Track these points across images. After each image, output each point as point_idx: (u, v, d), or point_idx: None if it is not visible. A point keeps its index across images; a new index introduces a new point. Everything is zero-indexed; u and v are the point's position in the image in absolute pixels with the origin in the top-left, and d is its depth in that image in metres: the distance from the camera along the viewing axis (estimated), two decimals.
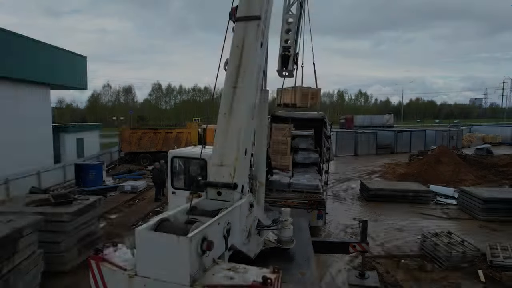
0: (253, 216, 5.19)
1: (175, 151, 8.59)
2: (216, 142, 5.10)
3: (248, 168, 5.26)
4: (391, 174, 22.87)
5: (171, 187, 8.27)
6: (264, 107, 6.89)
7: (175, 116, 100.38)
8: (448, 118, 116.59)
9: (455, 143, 35.04)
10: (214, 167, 4.96)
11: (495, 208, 13.39)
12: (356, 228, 12.70)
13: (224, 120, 5.11)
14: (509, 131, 39.43)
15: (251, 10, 5.47)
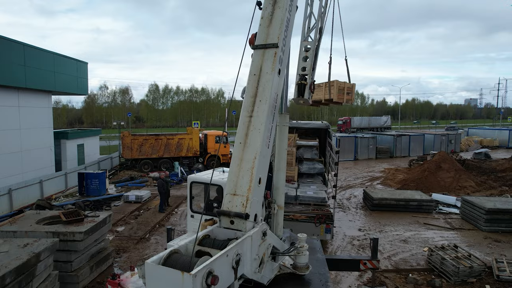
0: (267, 244, 5.27)
1: (194, 176, 8.67)
2: (231, 170, 5.21)
3: (262, 197, 5.35)
4: (391, 180, 23.04)
5: (190, 211, 8.39)
6: (284, 130, 6.98)
7: (172, 117, 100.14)
8: (444, 119, 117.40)
9: (453, 147, 35.37)
10: (228, 196, 5.04)
11: (498, 219, 13.58)
12: (363, 240, 12.90)
13: (239, 148, 5.21)
14: (506, 135, 39.87)
15: (270, 38, 5.55)
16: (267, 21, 5.67)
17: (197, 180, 8.33)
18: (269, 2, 5.74)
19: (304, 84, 6.33)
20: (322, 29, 6.43)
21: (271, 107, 5.35)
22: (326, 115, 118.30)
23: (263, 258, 5.19)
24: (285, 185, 14.85)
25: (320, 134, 16.39)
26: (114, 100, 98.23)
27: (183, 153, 26.62)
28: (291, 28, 6.06)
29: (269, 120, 5.34)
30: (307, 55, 6.32)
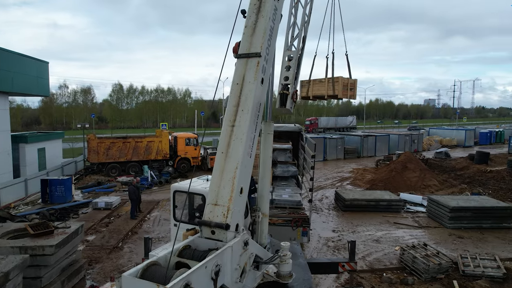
0: (249, 253, 5.29)
1: (178, 185, 8.48)
2: (212, 180, 5.22)
3: (244, 207, 5.35)
4: (360, 180, 23.73)
5: (173, 219, 8.23)
6: (268, 138, 6.98)
7: (137, 117, 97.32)
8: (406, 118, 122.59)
9: (416, 147, 37.04)
10: (209, 206, 5.05)
11: (460, 216, 14.36)
12: (338, 241, 13.19)
13: (221, 158, 5.20)
14: (463, 134, 42.38)
15: (253, 48, 5.54)
16: (251, 30, 5.65)
17: (180, 189, 8.16)
18: (253, 10, 5.71)
19: (286, 94, 6.36)
20: (306, 38, 6.48)
21: (253, 116, 5.35)
22: (294, 115, 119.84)
23: (244, 267, 5.19)
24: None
25: (292, 137, 16.56)
26: (75, 100, 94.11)
27: (153, 156, 25.97)
28: (275, 36, 6.07)
29: (251, 130, 5.33)
30: (290, 64, 6.35)
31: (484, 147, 39.88)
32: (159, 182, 22.58)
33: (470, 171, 25.54)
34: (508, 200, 18.71)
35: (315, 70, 8.73)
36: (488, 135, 44.14)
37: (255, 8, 5.71)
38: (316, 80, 9.10)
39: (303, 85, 9.42)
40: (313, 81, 9.21)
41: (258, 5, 5.70)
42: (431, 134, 44.91)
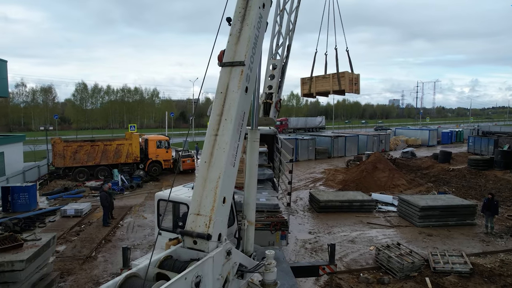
0: (232, 263, 5.28)
1: (161, 193, 8.28)
2: (195, 190, 5.19)
3: (227, 216, 5.33)
4: (332, 181, 24.23)
5: (158, 228, 8.04)
6: (254, 146, 6.94)
7: (102, 117, 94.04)
8: (372, 118, 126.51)
9: (383, 147, 38.34)
10: (192, 216, 5.02)
11: (429, 215, 15.01)
12: (315, 243, 13.39)
13: (204, 168, 5.18)
14: (427, 134, 44.41)
15: (237, 56, 5.52)
16: (235, 38, 5.62)
17: (164, 198, 7.96)
18: (238, 18, 5.68)
19: (270, 103, 6.36)
20: (290, 46, 6.50)
21: (237, 125, 5.32)
22: None
23: (227, 277, 5.17)
24: (237, 193, 14.89)
25: (267, 140, 16.64)
26: (34, 99, 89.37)
27: (122, 160, 25.19)
28: (260, 44, 6.06)
29: (235, 139, 5.32)
30: (274, 73, 6.35)
31: (446, 146, 41.96)
32: (130, 186, 21.94)
33: (435, 170, 26.78)
34: (470, 197, 19.79)
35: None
36: (449, 134, 46.52)
37: (240, 16, 5.68)
38: (319, 77, 9.14)
39: (305, 82, 9.45)
40: (316, 78, 9.23)
41: (243, 13, 5.67)
42: (397, 134, 46.68)
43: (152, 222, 15.66)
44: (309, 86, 9.15)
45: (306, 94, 9.52)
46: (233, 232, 7.51)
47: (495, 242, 13.55)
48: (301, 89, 9.78)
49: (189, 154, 27.79)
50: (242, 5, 5.72)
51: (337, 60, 8.47)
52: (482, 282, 10.56)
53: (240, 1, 5.76)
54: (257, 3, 5.61)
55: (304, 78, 9.56)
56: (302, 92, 9.60)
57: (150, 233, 14.22)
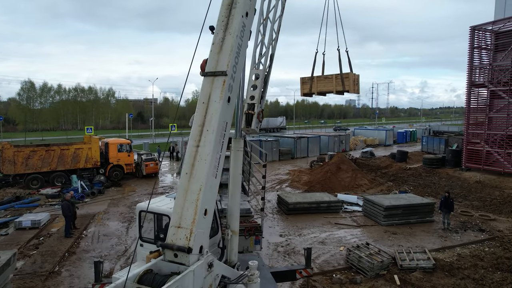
0: (214, 275, 5.29)
1: (143, 204, 7.97)
2: (176, 201, 5.16)
3: (208, 228, 5.32)
4: (298, 182, 24.65)
5: (140, 240, 7.74)
6: (238, 155, 6.88)
7: (53, 118, 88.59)
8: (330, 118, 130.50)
9: (344, 147, 39.68)
10: (172, 228, 4.98)
11: (393, 214, 15.74)
12: (287, 246, 13.54)
13: (185, 179, 5.15)
14: (384, 134, 46.63)
15: (219, 66, 5.50)
16: (218, 47, 5.59)
17: (145, 209, 7.70)
18: (220, 27, 5.64)
19: (252, 114, 6.34)
20: (273, 55, 6.52)
21: (218, 136, 5.32)
22: None
23: None
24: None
25: None
26: None
27: (81, 165, 23.92)
28: (244, 53, 6.04)
29: (217, 150, 5.32)
30: (256, 83, 6.33)
31: (401, 146, 44.28)
32: (91, 193, 20.89)
33: (393, 169, 28.13)
34: (426, 194, 21.01)
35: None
36: (404, 134, 49.17)
37: (223, 25, 5.64)
38: (321, 77, 9.18)
39: (305, 82, 9.46)
40: (317, 78, 9.27)
41: (225, 22, 5.63)
42: (356, 134, 48.55)
43: (118, 230, 15.06)
44: (310, 86, 9.25)
45: (306, 93, 9.62)
46: (217, 241, 7.42)
47: (452, 237, 14.50)
48: (300, 88, 9.86)
49: (152, 157, 26.99)
50: (225, 13, 5.67)
51: (340, 61, 8.66)
52: (443, 276, 11.25)
53: (223, 9, 5.71)
54: (240, 12, 5.59)
55: (304, 77, 9.63)
56: (302, 91, 9.67)
57: (117, 242, 13.65)
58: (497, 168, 24.34)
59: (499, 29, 25.30)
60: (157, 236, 7.50)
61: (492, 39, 25.61)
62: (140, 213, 7.82)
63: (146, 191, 22.19)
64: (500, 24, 24.90)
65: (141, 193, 21.71)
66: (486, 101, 25.88)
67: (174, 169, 31.16)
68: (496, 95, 25.08)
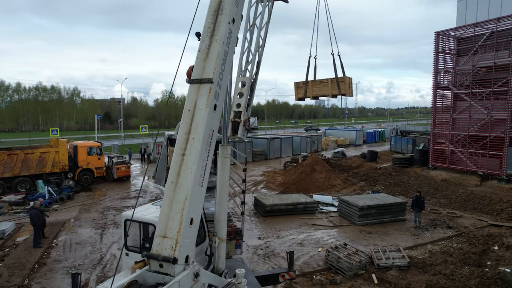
0: (200, 284, 5.31)
1: (129, 213, 7.72)
2: (162, 211, 5.13)
3: (194, 237, 5.32)
4: (273, 184, 24.78)
5: (125, 249, 7.52)
6: (225, 162, 6.83)
7: (11, 119, 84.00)
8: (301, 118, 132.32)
9: (316, 147, 40.36)
10: (158, 238, 4.97)
11: (367, 214, 16.18)
12: (266, 249, 13.59)
13: (171, 188, 5.13)
14: (354, 134, 47.90)
15: (205, 73, 5.50)
16: (204, 54, 5.58)
17: (131, 218, 7.47)
18: (207, 34, 5.62)
19: (238, 122, 6.33)
20: (260, 63, 6.51)
21: (204, 144, 5.32)
22: None
23: None
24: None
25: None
26: None
27: (48, 169, 22.81)
28: (231, 60, 6.02)
29: (203, 158, 5.31)
30: (243, 91, 6.32)
31: (371, 145, 45.64)
32: (60, 198, 19.99)
33: (364, 169, 28.92)
34: (397, 193, 21.78)
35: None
36: (373, 134, 50.75)
37: (209, 31, 5.61)
38: (316, 81, 9.29)
39: (299, 87, 9.54)
40: (312, 82, 9.37)
41: (212, 28, 5.60)
42: (327, 135, 49.51)
43: (91, 238, 14.52)
44: (305, 91, 9.37)
45: (301, 98, 9.73)
46: (204, 249, 7.34)
47: (423, 234, 15.10)
48: (295, 93, 9.96)
49: (123, 160, 26.22)
50: (212, 20, 5.64)
51: (335, 65, 8.82)
52: (417, 273, 11.69)
53: (209, 16, 5.67)
54: (226, 18, 5.57)
55: (298, 82, 9.73)
56: (297, 96, 9.77)
57: (91, 250, 13.15)
58: (461, 167, 25.64)
59: (460, 35, 26.66)
60: (142, 245, 7.32)
61: (455, 44, 26.95)
62: (125, 221, 7.61)
63: (118, 196, 21.54)
64: (461, 30, 26.24)
65: (113, 198, 21.04)
66: (450, 103, 27.18)
67: (146, 172, 30.43)
68: (459, 98, 26.41)
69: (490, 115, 23.99)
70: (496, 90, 23.65)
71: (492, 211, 18.42)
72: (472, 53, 25.26)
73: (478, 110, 24.82)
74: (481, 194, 21.25)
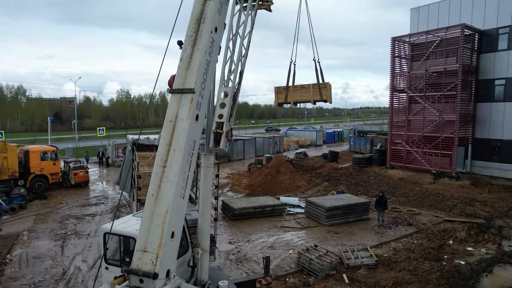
0: None
1: (108, 226, 7.29)
2: (142, 224, 5.05)
3: (176, 251, 5.27)
4: (238, 186, 24.74)
5: (105, 263, 7.13)
6: (208, 172, 6.70)
7: None
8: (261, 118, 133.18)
9: (278, 148, 40.86)
10: (138, 253, 4.89)
11: (334, 214, 16.64)
12: (237, 253, 13.53)
13: (151, 201, 5.05)
14: (314, 135, 49.08)
15: (187, 83, 5.47)
16: (186, 63, 5.51)
17: (111, 231, 7.10)
18: (188, 43, 5.55)
19: (220, 133, 6.25)
20: (243, 72, 6.45)
21: (186, 156, 5.27)
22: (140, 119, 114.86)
23: None
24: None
25: None
26: None
27: None
28: (213, 69, 5.94)
29: (184, 170, 5.26)
30: (225, 101, 6.23)
31: (331, 145, 47.03)
32: (11, 209, 18.52)
33: (326, 169, 29.75)
34: (359, 193, 22.61)
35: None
36: (332, 134, 52.38)
37: (191, 40, 5.53)
38: (298, 86, 9.20)
39: (279, 92, 9.39)
40: (293, 88, 9.26)
41: (194, 37, 5.53)
42: (289, 135, 50.36)
43: (51, 250, 13.63)
44: (285, 96, 9.30)
45: (281, 103, 9.64)
46: (187, 260, 7.17)
47: (387, 233, 15.81)
48: (275, 98, 9.84)
49: (81, 165, 24.89)
50: (194, 28, 5.55)
51: (317, 71, 8.85)
52: (384, 271, 12.22)
53: (191, 24, 5.58)
54: (209, 27, 5.51)
55: (278, 87, 9.63)
56: (277, 101, 9.64)
57: (52, 264, 12.32)
58: (416, 166, 27.19)
59: (414, 41, 28.25)
60: (123, 259, 7.00)
61: (409, 50, 28.51)
62: (104, 235, 7.26)
63: (77, 203, 20.40)
64: (415, 37, 27.81)
65: (71, 205, 19.89)
66: (406, 105, 28.71)
67: (105, 177, 29.15)
68: (414, 100, 27.97)
69: (441, 117, 25.66)
70: (446, 94, 25.33)
71: (445, 207, 19.70)
72: (424, 59, 26.86)
73: (431, 112, 26.44)
74: (435, 192, 22.67)
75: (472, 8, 26.24)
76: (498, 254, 13.76)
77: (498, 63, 25.23)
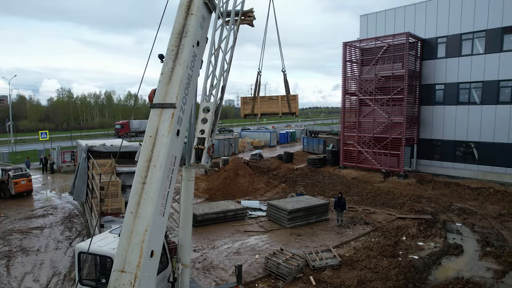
0: None
1: (83, 244, 6.73)
2: (120, 243, 4.90)
3: (155, 270, 5.16)
4: (197, 190, 24.14)
5: (80, 284, 6.61)
6: (190, 185, 6.55)
7: None
8: None
9: (233, 150, 40.72)
10: (115, 273, 4.76)
11: (295, 217, 16.94)
12: (203, 261, 13.29)
13: (130, 219, 4.93)
14: (268, 136, 49.60)
15: (168, 98, 5.38)
16: (167, 78, 5.39)
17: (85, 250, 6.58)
18: (170, 57, 5.42)
19: (202, 149, 6.10)
20: (225, 87, 6.30)
21: (166, 172, 5.18)
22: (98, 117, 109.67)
23: None
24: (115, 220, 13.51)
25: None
26: None
27: None
28: (195, 83, 5.81)
29: (164, 187, 5.17)
30: (207, 117, 6.07)
31: (284, 146, 47.85)
32: None
33: (282, 170, 30.21)
34: (315, 193, 23.25)
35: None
36: (286, 135, 53.32)
37: (173, 54, 5.41)
38: (266, 98, 8.99)
39: (246, 102, 9.11)
40: (260, 99, 9.02)
41: (175, 51, 5.40)
42: (243, 137, 50.41)
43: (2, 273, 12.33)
44: (252, 107, 9.09)
45: (248, 114, 9.39)
46: (167, 275, 6.90)
47: (346, 232, 16.42)
48: (241, 108, 9.56)
49: (23, 173, 22.87)
50: (175, 42, 5.43)
51: (286, 82, 8.78)
52: (348, 270, 12.67)
53: (173, 38, 5.45)
54: (191, 42, 5.41)
55: (245, 97, 9.39)
56: (243, 112, 9.37)
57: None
58: (367, 165, 28.59)
59: (363, 47, 29.68)
60: (98, 280, 6.55)
61: (360, 54, 29.90)
62: (79, 254, 6.75)
63: (20, 215, 18.71)
64: (365, 42, 29.23)
65: (14, 218, 18.20)
66: (356, 107, 30.05)
67: (51, 184, 27.07)
68: (364, 103, 29.38)
69: (390, 119, 27.23)
70: (394, 97, 26.93)
71: (396, 205, 20.92)
72: (373, 63, 28.33)
73: (380, 114, 27.95)
74: (385, 190, 24.00)
75: (414, 18, 28.19)
76: (444, 247, 14.89)
77: (438, 69, 27.36)
